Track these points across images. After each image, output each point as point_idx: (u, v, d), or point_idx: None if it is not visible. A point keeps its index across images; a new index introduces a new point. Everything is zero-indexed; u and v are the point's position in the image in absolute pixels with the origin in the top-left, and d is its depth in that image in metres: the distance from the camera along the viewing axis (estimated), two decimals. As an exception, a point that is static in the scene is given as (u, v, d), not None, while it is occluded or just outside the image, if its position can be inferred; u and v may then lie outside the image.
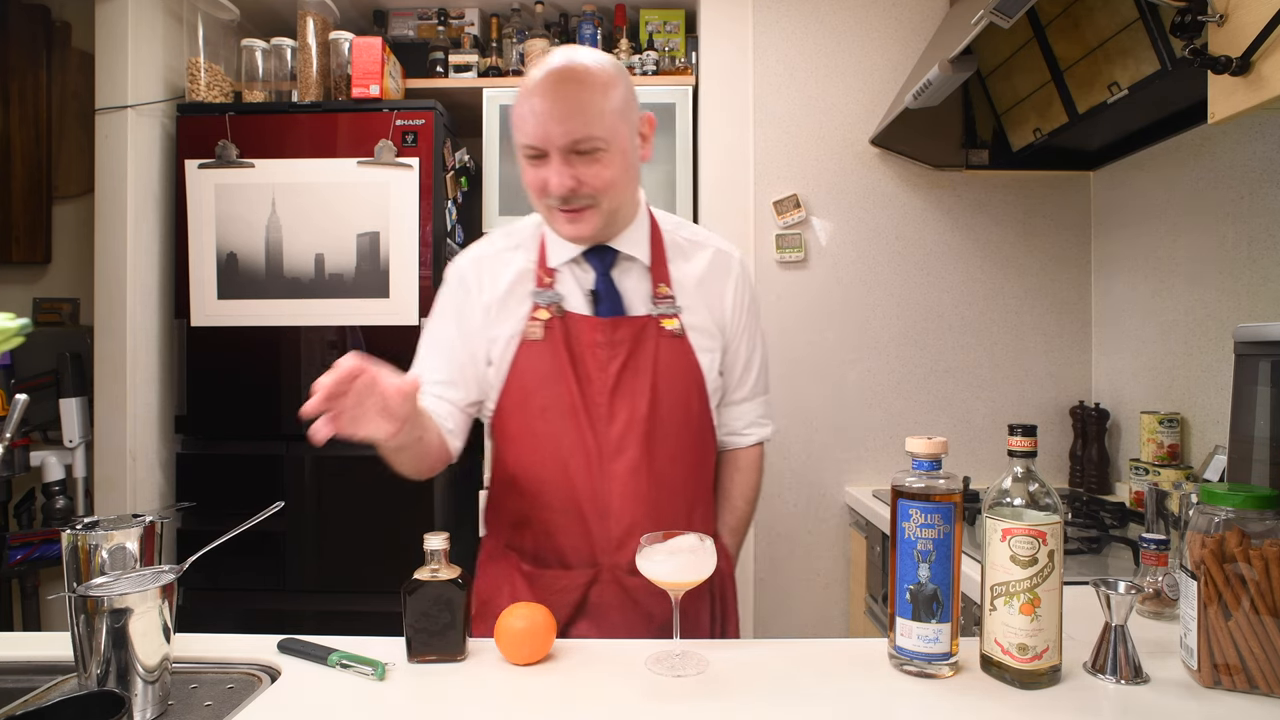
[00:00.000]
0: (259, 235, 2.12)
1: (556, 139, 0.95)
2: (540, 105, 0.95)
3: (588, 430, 1.01)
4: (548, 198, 0.98)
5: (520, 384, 1.03)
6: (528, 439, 1.04)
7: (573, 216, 0.99)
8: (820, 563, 2.24)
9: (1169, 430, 1.78)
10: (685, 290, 1.08)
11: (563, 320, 1.03)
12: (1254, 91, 1.06)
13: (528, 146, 0.97)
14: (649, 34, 2.40)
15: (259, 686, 0.88)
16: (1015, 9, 1.34)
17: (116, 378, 2.12)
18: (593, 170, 0.97)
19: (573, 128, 0.94)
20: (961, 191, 2.24)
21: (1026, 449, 0.86)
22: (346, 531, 2.11)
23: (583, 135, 0.95)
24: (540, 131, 0.95)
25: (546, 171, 0.97)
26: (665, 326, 1.04)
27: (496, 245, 1.11)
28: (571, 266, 1.07)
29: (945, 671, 0.86)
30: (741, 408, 1.19)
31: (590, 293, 1.06)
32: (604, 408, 1.01)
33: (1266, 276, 1.57)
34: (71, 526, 0.88)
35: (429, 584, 0.90)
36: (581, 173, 0.96)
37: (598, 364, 1.01)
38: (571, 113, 0.94)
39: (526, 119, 0.97)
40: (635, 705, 0.81)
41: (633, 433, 1.01)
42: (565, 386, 1.01)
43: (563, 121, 0.94)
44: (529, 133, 0.96)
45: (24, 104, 2.45)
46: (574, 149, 0.95)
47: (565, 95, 0.95)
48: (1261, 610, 0.81)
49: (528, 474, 1.04)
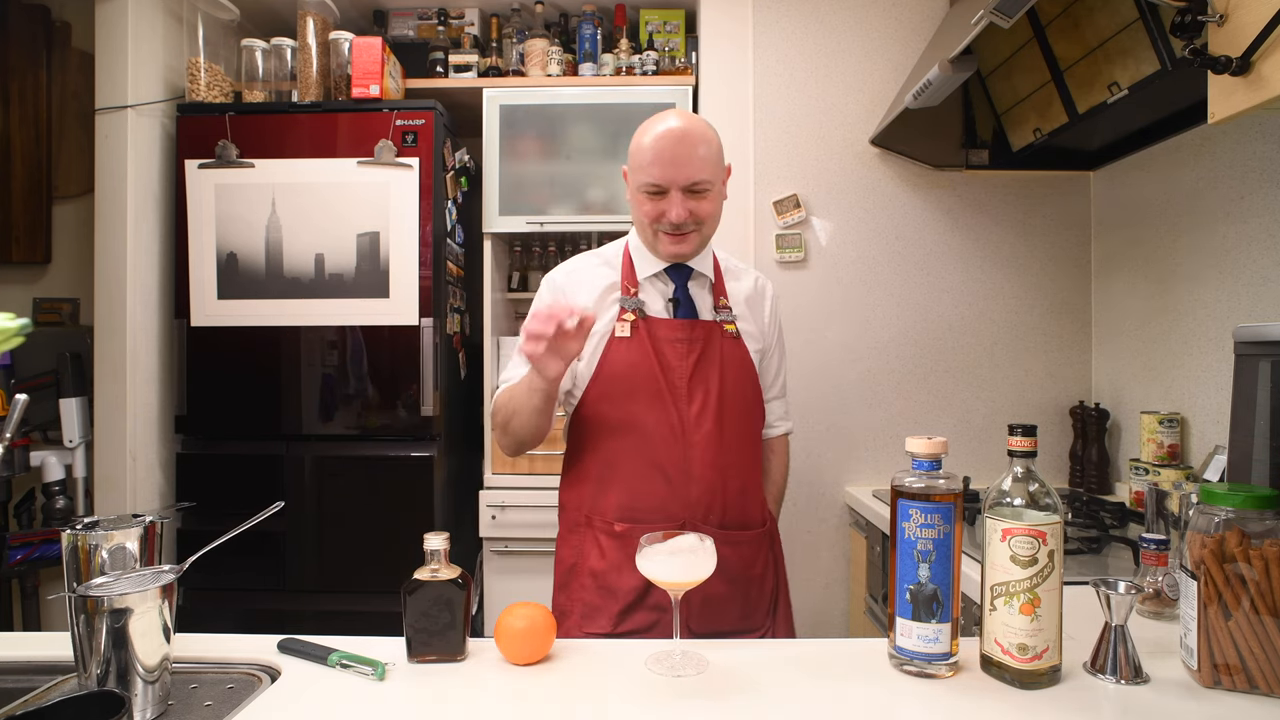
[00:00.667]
0: (259, 235, 2.12)
1: (679, 180, 1.19)
2: (667, 153, 1.19)
3: (672, 408, 1.21)
4: (661, 224, 1.22)
5: (612, 372, 1.23)
6: (617, 417, 1.23)
7: (678, 239, 1.23)
8: (820, 563, 2.24)
9: (1169, 430, 1.78)
10: (738, 303, 1.33)
11: (645, 322, 1.25)
12: (1254, 91, 1.06)
13: (652, 184, 1.20)
14: (649, 34, 2.40)
15: (259, 686, 0.88)
16: (1015, 9, 1.34)
17: (116, 378, 2.12)
18: (701, 205, 1.22)
19: (691, 173, 1.19)
20: (961, 191, 2.24)
21: (1026, 449, 0.86)
22: (346, 531, 2.11)
23: (698, 179, 1.20)
24: (665, 174, 1.19)
25: (665, 205, 1.21)
26: (727, 329, 1.28)
27: (588, 262, 1.35)
28: (653, 280, 1.29)
29: (945, 671, 0.87)
30: (772, 405, 1.42)
31: (670, 301, 1.29)
32: (684, 390, 1.23)
33: (1266, 276, 1.57)
34: (71, 526, 0.88)
35: (429, 584, 0.90)
36: (693, 206, 1.21)
37: (677, 356, 1.24)
38: (691, 160, 1.19)
39: (655, 164, 1.19)
40: (635, 705, 0.81)
41: (708, 411, 1.23)
42: (652, 373, 1.22)
43: (684, 166, 1.19)
44: (655, 174, 1.19)
45: (24, 104, 2.45)
46: (690, 189, 1.20)
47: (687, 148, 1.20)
48: (1261, 610, 0.81)
49: (616, 445, 1.23)
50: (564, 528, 1.31)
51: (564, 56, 2.35)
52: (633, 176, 1.25)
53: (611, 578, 1.20)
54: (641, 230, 1.27)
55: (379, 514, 2.10)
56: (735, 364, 1.27)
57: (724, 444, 1.23)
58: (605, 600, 1.20)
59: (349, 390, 2.13)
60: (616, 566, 1.19)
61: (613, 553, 1.21)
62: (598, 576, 1.21)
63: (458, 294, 2.38)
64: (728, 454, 1.24)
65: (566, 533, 1.30)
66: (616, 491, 1.22)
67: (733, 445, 1.25)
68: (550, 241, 2.55)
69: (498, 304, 2.40)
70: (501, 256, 2.47)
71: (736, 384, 1.27)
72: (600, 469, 1.25)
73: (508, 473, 2.24)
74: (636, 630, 1.19)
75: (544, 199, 2.27)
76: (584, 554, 1.24)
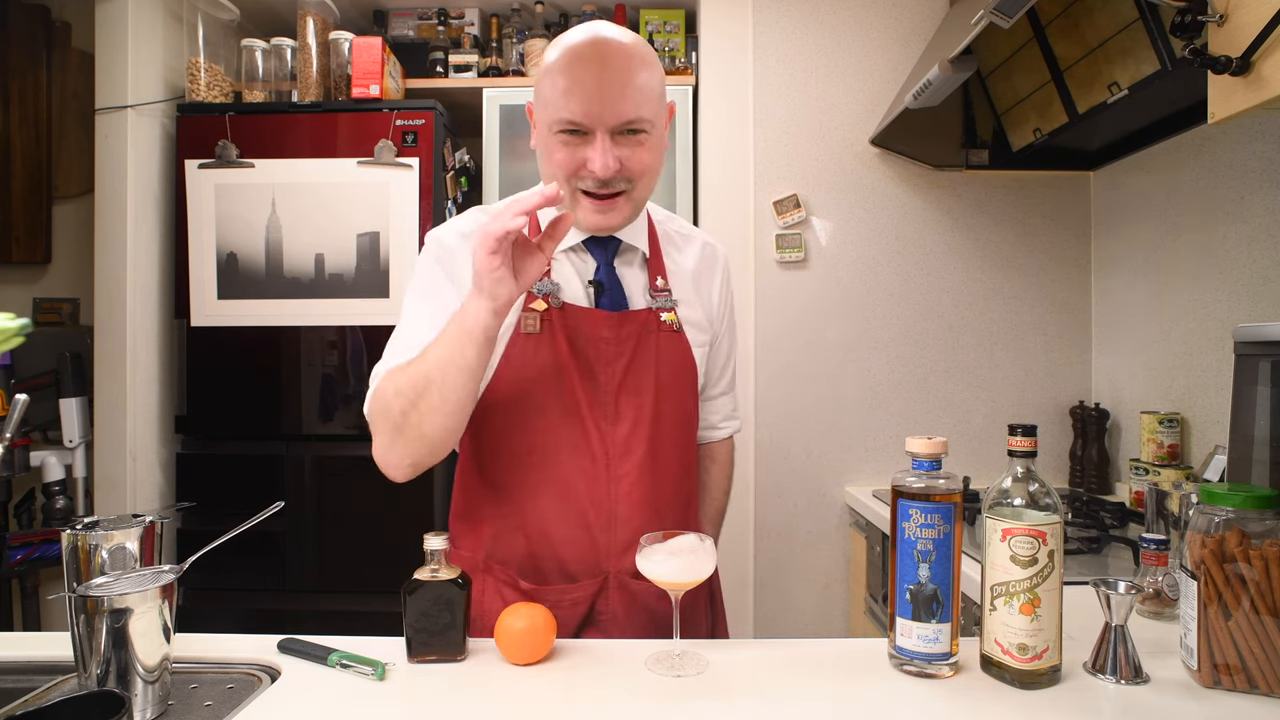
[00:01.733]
0: (259, 235, 2.12)
1: (607, 117, 0.87)
2: (588, 78, 0.87)
3: (593, 430, 0.96)
4: (582, 180, 0.91)
5: (513, 379, 0.95)
6: (520, 439, 0.96)
7: (604, 205, 0.92)
8: (820, 563, 2.24)
9: (1169, 430, 1.78)
10: (680, 283, 1.05)
11: (561, 312, 0.96)
12: (1254, 91, 1.06)
13: (568, 122, 0.88)
14: (649, 34, 2.40)
15: (259, 686, 0.88)
16: (1015, 9, 1.34)
17: (116, 378, 2.12)
18: (636, 154, 0.91)
19: (624, 107, 0.88)
20: (961, 191, 2.24)
21: (1026, 449, 0.86)
22: (346, 531, 2.11)
23: (634, 115, 0.89)
24: (587, 107, 0.87)
25: (589, 151, 0.89)
26: (664, 320, 1.00)
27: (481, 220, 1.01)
28: (569, 255, 1.00)
29: (945, 671, 0.86)
30: (718, 402, 1.18)
31: (590, 283, 0.99)
32: (610, 407, 0.96)
33: (1266, 276, 1.57)
34: (71, 526, 0.88)
35: (429, 584, 0.90)
36: (625, 155, 0.90)
37: (603, 360, 0.96)
38: (624, 89, 0.88)
39: (569, 92, 0.87)
40: (635, 705, 0.81)
41: (639, 433, 0.97)
42: (568, 384, 0.95)
43: (614, 100, 0.87)
44: (572, 108, 0.87)
45: (24, 104, 2.45)
46: (621, 129, 0.89)
47: (616, 70, 0.88)
48: (1261, 610, 0.81)
49: (520, 478, 0.96)
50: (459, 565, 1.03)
51: (564, 56, 2.35)
52: (541, 110, 0.93)
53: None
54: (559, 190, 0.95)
55: (379, 514, 2.10)
56: (674, 367, 1.00)
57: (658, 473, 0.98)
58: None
59: (349, 390, 2.13)
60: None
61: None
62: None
63: (458, 294, 2.37)
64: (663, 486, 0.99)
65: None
66: (521, 538, 0.97)
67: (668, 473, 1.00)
68: (550, 241, 2.55)
69: (498, 304, 2.40)
70: (501, 256, 2.46)
71: (674, 393, 1.00)
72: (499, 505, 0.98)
73: (508, 473, 2.24)
74: None
75: (544, 199, 2.27)
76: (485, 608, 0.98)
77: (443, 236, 1.00)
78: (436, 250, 1.00)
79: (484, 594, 1.00)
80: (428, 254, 1.00)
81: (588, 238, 1.01)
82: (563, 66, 0.89)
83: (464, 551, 1.03)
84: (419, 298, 0.98)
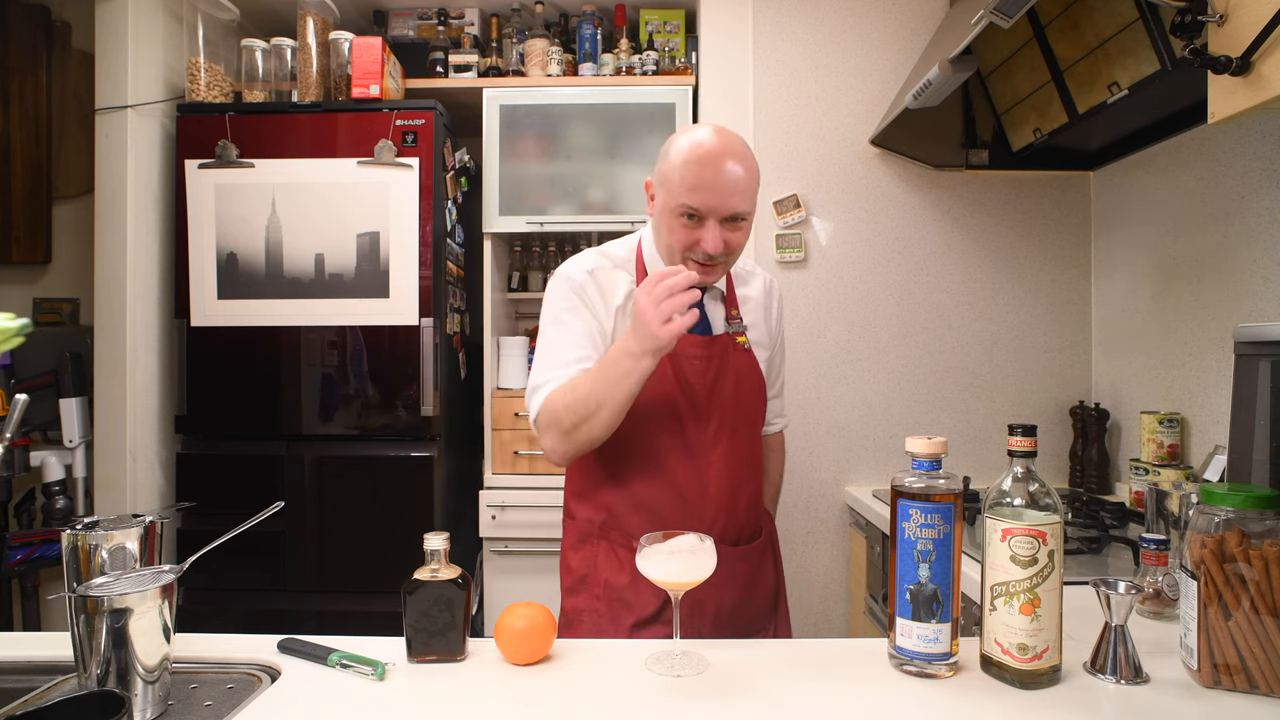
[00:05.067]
0: (259, 235, 2.12)
1: (719, 210, 1.10)
2: (710, 180, 1.10)
3: (691, 428, 1.19)
4: (693, 254, 1.14)
5: None
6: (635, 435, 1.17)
7: (706, 270, 1.16)
8: (820, 563, 2.24)
9: (1169, 430, 1.78)
10: (748, 310, 1.30)
11: None
12: (1254, 91, 1.06)
13: (690, 208, 1.11)
14: (649, 34, 2.40)
15: (259, 686, 0.88)
16: (1015, 9, 1.34)
17: (116, 378, 2.12)
18: (736, 236, 1.15)
19: (734, 203, 1.11)
20: (961, 191, 2.24)
21: (1026, 449, 0.86)
22: (346, 531, 2.11)
23: (741, 210, 1.12)
24: (707, 202, 1.10)
25: (701, 233, 1.12)
26: (739, 342, 1.25)
27: (601, 263, 1.25)
28: None
29: (945, 671, 0.87)
30: (773, 403, 1.40)
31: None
32: (702, 409, 1.20)
33: (1266, 276, 1.57)
34: (71, 526, 0.88)
35: (429, 584, 0.90)
36: (728, 237, 1.13)
37: (696, 374, 1.20)
38: (736, 190, 1.11)
39: (695, 189, 1.10)
40: (635, 705, 0.81)
41: (723, 430, 1.20)
42: (670, 392, 1.18)
43: (728, 196, 1.10)
44: (695, 201, 1.10)
45: (24, 104, 2.45)
46: (728, 219, 1.12)
47: (732, 173, 1.11)
48: (1261, 610, 0.81)
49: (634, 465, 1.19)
50: (573, 536, 1.27)
51: (564, 56, 2.35)
52: (664, 195, 1.16)
53: (629, 592, 1.18)
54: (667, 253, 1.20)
55: (379, 514, 2.10)
56: (747, 378, 1.25)
57: (736, 461, 1.22)
58: (620, 613, 1.18)
59: (349, 390, 2.13)
60: (635, 581, 1.15)
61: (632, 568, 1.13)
62: (614, 589, 1.19)
63: (458, 294, 2.38)
64: (739, 470, 1.23)
65: (577, 541, 1.26)
66: (633, 510, 1.20)
67: (743, 460, 1.24)
68: (550, 241, 2.55)
69: (498, 304, 2.40)
70: (501, 256, 2.47)
71: (749, 399, 1.25)
72: (615, 486, 1.22)
73: (508, 473, 2.24)
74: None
75: (544, 199, 2.27)
76: (597, 565, 1.21)
77: (571, 274, 1.23)
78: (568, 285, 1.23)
79: (598, 554, 1.22)
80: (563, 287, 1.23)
81: None
82: (690, 163, 1.11)
83: (581, 520, 1.25)
84: (560, 323, 1.21)
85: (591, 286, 1.22)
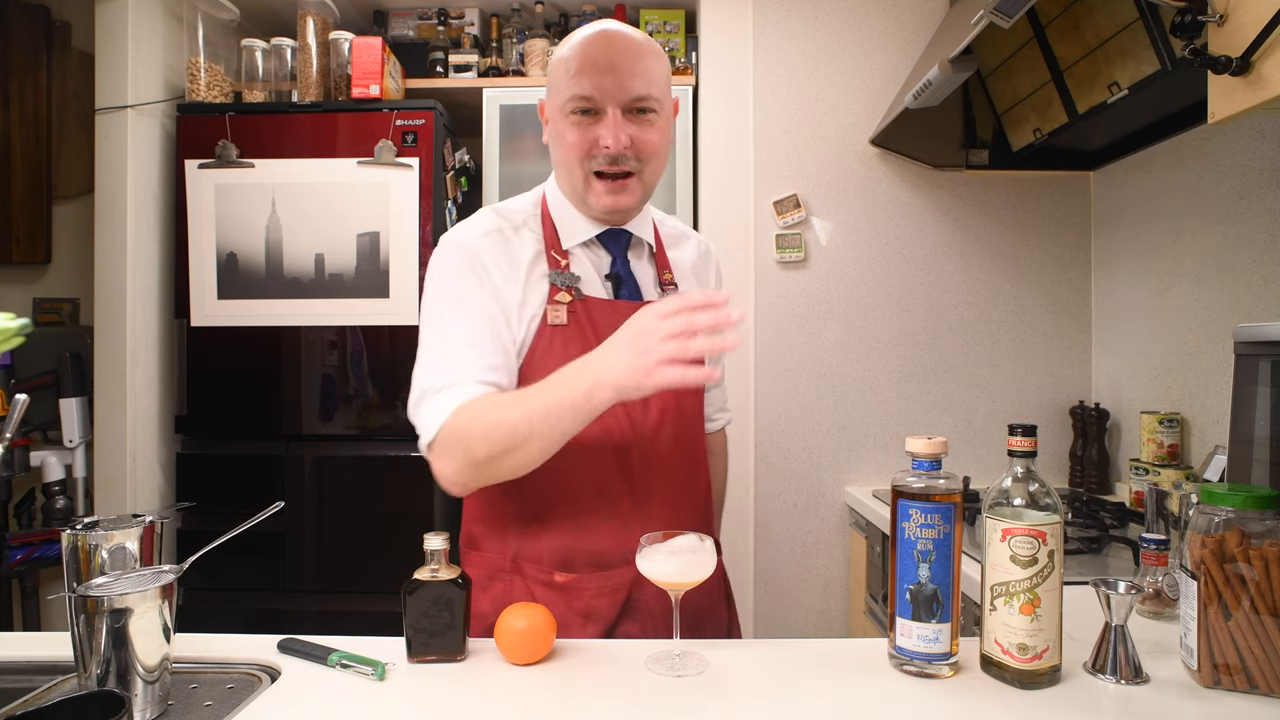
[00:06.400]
0: (259, 235, 2.12)
1: (617, 93, 0.92)
2: (600, 56, 0.92)
3: (624, 418, 0.97)
4: (594, 159, 0.95)
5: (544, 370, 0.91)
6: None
7: (615, 186, 0.96)
8: (820, 563, 2.24)
9: (1169, 430, 1.78)
10: (681, 276, 1.09)
11: (584, 304, 0.98)
12: (1254, 91, 1.06)
13: (581, 98, 0.93)
14: (649, 34, 2.40)
15: (259, 686, 0.88)
16: (1015, 9, 1.34)
17: (116, 378, 2.12)
18: (645, 133, 0.95)
19: (634, 85, 0.93)
20: (961, 191, 2.24)
21: (1026, 449, 0.86)
22: (346, 531, 2.11)
23: (643, 93, 0.94)
24: (599, 83, 0.92)
25: (599, 129, 0.93)
26: None
27: (499, 223, 1.02)
28: (585, 249, 1.03)
29: (945, 671, 0.86)
30: (711, 394, 1.19)
31: (607, 277, 1.02)
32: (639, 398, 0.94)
33: (1266, 276, 1.57)
34: (71, 526, 0.88)
35: (429, 584, 0.90)
36: (635, 133, 0.94)
37: None
38: (634, 69, 0.93)
39: (582, 70, 0.93)
40: (635, 705, 0.81)
41: (667, 418, 0.99)
42: None
43: (625, 77, 0.92)
44: (584, 84, 0.92)
45: (24, 104, 2.45)
46: (632, 106, 0.94)
47: (625, 50, 0.93)
48: (1261, 610, 0.81)
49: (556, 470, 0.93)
50: (479, 573, 1.02)
51: (564, 56, 2.35)
52: (553, 97, 0.98)
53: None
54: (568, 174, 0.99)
55: (379, 514, 2.10)
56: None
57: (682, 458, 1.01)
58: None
59: (349, 390, 2.13)
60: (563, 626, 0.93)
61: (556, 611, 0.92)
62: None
63: (458, 294, 2.37)
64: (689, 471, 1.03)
65: (485, 580, 1.01)
66: (554, 531, 0.98)
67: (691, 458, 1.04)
68: (550, 241, 2.55)
69: (498, 304, 2.40)
70: (501, 256, 2.46)
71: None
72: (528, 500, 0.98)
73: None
74: None
75: (544, 199, 2.27)
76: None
77: (464, 239, 0.99)
78: (459, 254, 0.98)
79: (512, 594, 0.98)
80: (451, 258, 0.98)
81: (602, 232, 1.03)
82: (574, 50, 0.94)
83: (489, 554, 1.03)
84: (449, 308, 0.97)
85: (489, 254, 0.98)
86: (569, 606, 0.97)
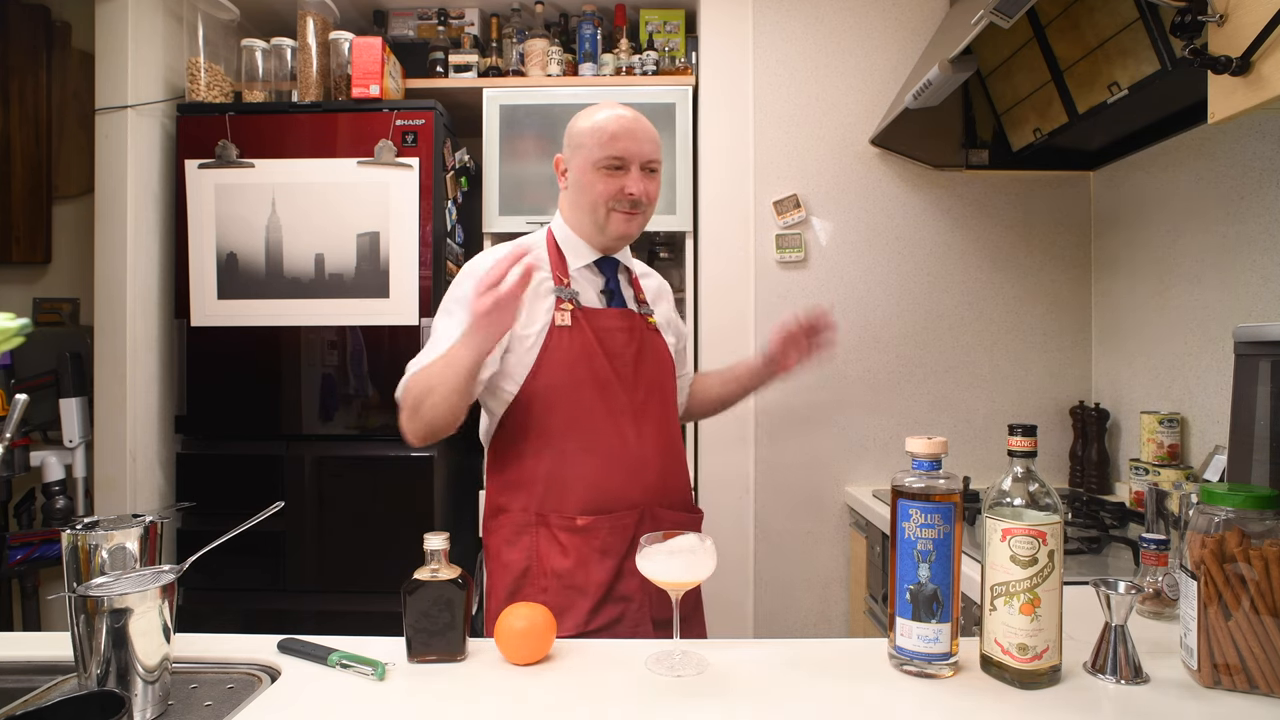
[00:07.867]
0: (259, 235, 2.12)
1: (639, 156, 1.25)
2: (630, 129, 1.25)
3: (621, 394, 1.25)
4: (619, 201, 1.24)
5: (557, 361, 1.22)
6: (569, 408, 1.23)
7: (629, 216, 1.26)
8: (820, 563, 2.24)
9: (1169, 430, 1.78)
10: (651, 298, 1.40)
11: (583, 311, 1.26)
12: (1254, 91, 1.06)
13: (615, 158, 1.23)
14: (649, 34, 2.40)
15: (259, 686, 0.88)
16: (1015, 9, 1.34)
17: (116, 378, 2.12)
18: (652, 184, 1.28)
19: (651, 150, 1.26)
20: (961, 191, 2.24)
21: (1026, 449, 0.86)
22: (346, 531, 2.11)
23: (654, 157, 1.27)
24: (628, 148, 1.24)
25: (626, 180, 1.24)
26: (650, 322, 1.34)
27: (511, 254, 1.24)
28: (584, 272, 1.31)
29: (945, 671, 0.87)
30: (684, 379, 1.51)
31: (602, 291, 1.32)
32: (630, 378, 1.26)
33: (1266, 276, 1.57)
34: (71, 526, 0.88)
35: (429, 584, 0.90)
36: (647, 185, 1.27)
37: (620, 344, 1.27)
38: (649, 139, 1.27)
39: (615, 138, 1.23)
40: (635, 705, 0.81)
41: (653, 395, 1.29)
42: (599, 362, 1.24)
43: (644, 143, 1.25)
44: (619, 148, 1.23)
45: (24, 104, 2.45)
46: (647, 166, 1.26)
47: (645, 129, 1.27)
48: (1261, 610, 0.81)
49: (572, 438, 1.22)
50: (508, 531, 1.25)
51: (564, 56, 2.35)
52: (586, 155, 1.25)
53: (579, 575, 1.18)
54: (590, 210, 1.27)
55: (379, 514, 2.10)
56: (663, 353, 1.34)
57: (666, 425, 1.31)
58: (573, 599, 1.17)
59: (349, 390, 2.13)
60: (583, 562, 1.18)
61: (577, 549, 1.19)
62: (563, 576, 1.18)
63: (458, 294, 2.37)
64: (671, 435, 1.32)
65: (513, 535, 1.24)
66: (574, 486, 1.21)
67: (671, 425, 1.33)
68: (550, 241, 2.55)
69: (498, 304, 2.40)
70: (501, 256, 2.46)
71: (666, 370, 1.34)
72: (551, 464, 1.22)
73: (508, 473, 2.24)
74: (608, 624, 1.18)
75: (544, 199, 2.27)
76: (541, 555, 1.21)
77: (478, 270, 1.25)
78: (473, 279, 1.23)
79: (539, 543, 1.22)
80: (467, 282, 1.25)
81: (599, 258, 1.32)
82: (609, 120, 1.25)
83: (515, 514, 1.25)
84: (449, 315, 1.24)
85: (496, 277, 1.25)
86: (588, 545, 1.19)
